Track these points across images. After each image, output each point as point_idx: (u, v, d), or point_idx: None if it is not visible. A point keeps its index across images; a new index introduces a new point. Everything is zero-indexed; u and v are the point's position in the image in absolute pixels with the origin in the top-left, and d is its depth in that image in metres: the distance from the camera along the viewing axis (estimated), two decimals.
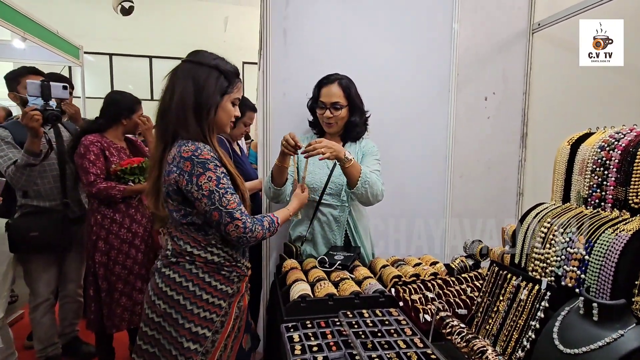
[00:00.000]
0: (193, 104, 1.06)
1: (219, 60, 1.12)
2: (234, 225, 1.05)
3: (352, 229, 1.61)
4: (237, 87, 1.15)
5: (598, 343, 0.69)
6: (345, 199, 1.58)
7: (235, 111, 1.17)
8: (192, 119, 1.06)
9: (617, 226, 0.80)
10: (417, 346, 0.93)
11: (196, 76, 1.07)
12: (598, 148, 0.96)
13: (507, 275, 0.98)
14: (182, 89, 1.07)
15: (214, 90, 1.08)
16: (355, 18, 1.79)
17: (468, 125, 1.99)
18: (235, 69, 1.16)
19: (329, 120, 1.56)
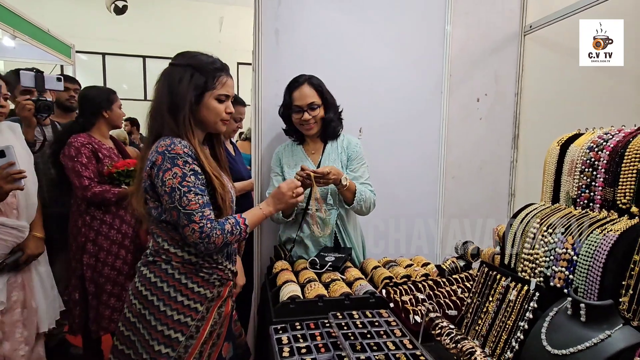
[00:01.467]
0: (167, 104, 1.07)
1: (198, 58, 1.10)
2: (190, 229, 1.00)
3: (342, 231, 1.61)
4: (220, 83, 1.10)
5: (585, 344, 0.69)
6: (332, 203, 1.57)
7: (226, 108, 1.13)
8: (169, 119, 1.06)
9: (605, 226, 0.80)
10: (407, 347, 0.92)
11: (171, 77, 1.08)
12: (587, 149, 0.97)
13: (497, 276, 0.98)
14: (159, 91, 1.09)
15: (186, 88, 1.06)
16: (348, 19, 1.79)
17: (461, 127, 2.00)
18: (218, 64, 1.12)
19: (308, 123, 1.53)
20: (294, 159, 1.61)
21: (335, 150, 1.62)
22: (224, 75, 1.12)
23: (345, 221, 1.61)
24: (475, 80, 1.99)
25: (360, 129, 1.88)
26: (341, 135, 1.65)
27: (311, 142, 1.64)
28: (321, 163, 1.59)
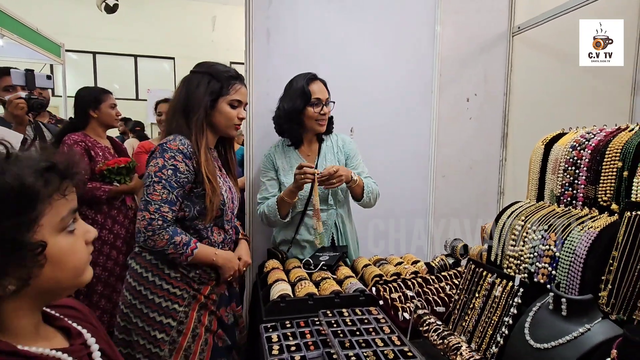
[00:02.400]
0: (182, 107, 1.15)
1: (215, 67, 1.19)
2: (142, 215, 1.06)
3: (340, 232, 1.62)
4: (234, 89, 1.19)
5: (566, 337, 0.71)
6: (332, 204, 1.58)
7: (238, 113, 1.21)
8: (182, 119, 1.14)
9: (586, 223, 0.82)
10: (395, 344, 0.93)
11: (190, 83, 1.17)
12: (570, 148, 0.99)
13: (483, 273, 1.00)
14: (177, 95, 1.18)
15: (203, 93, 1.15)
16: (339, 19, 1.80)
17: (450, 126, 2.02)
18: (233, 72, 1.20)
19: (324, 117, 1.53)
20: (289, 163, 1.58)
21: (331, 151, 1.62)
22: (238, 83, 1.20)
23: (343, 221, 1.62)
24: (464, 80, 2.02)
25: (352, 129, 1.89)
26: (334, 134, 1.65)
27: (307, 143, 1.62)
28: (318, 165, 1.59)
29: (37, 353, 0.50)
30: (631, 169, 0.82)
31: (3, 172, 0.47)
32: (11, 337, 0.49)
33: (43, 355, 0.51)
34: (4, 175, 0.46)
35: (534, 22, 1.92)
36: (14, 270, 0.47)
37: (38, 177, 0.49)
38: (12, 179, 0.47)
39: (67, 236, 0.53)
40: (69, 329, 0.60)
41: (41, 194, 0.49)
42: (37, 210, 0.49)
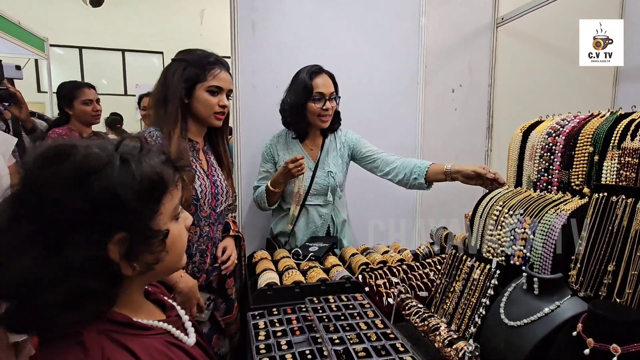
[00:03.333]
0: (160, 97, 1.11)
1: (194, 53, 1.14)
2: None
3: (335, 224, 1.65)
4: (212, 75, 1.13)
5: (537, 314, 0.74)
6: (331, 199, 1.61)
7: (219, 100, 1.15)
8: (159, 110, 1.11)
9: (559, 207, 0.85)
10: (378, 327, 0.96)
11: (167, 72, 1.13)
12: (546, 134, 1.02)
13: (463, 257, 1.03)
14: (156, 86, 1.14)
15: (178, 80, 1.10)
16: (324, 11, 1.81)
17: (436, 117, 2.05)
18: (212, 58, 1.14)
19: (326, 113, 1.49)
20: (291, 155, 1.55)
21: (333, 145, 1.62)
22: (217, 68, 1.14)
23: (340, 215, 1.66)
24: (449, 72, 2.04)
25: None
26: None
27: (311, 137, 1.61)
28: (320, 159, 1.60)
29: (148, 324, 0.57)
30: (601, 154, 0.86)
31: (141, 163, 0.51)
32: (126, 310, 0.55)
33: (152, 326, 0.57)
34: (142, 166, 0.51)
35: (517, 13, 1.95)
36: (144, 255, 0.52)
37: (166, 170, 0.54)
38: (154, 172, 0.51)
39: (176, 223, 0.58)
40: (163, 302, 0.66)
41: (168, 184, 0.54)
42: (163, 200, 0.54)
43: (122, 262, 0.50)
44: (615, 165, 0.82)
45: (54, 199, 0.46)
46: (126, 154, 0.51)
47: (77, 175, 0.47)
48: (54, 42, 4.19)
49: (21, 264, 0.45)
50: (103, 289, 0.49)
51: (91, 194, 0.46)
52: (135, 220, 0.50)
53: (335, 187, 1.60)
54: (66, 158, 0.47)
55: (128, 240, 0.50)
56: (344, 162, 1.64)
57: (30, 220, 0.46)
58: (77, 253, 0.46)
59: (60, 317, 0.47)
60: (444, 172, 1.40)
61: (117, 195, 0.47)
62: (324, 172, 1.60)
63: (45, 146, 0.50)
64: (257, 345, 0.90)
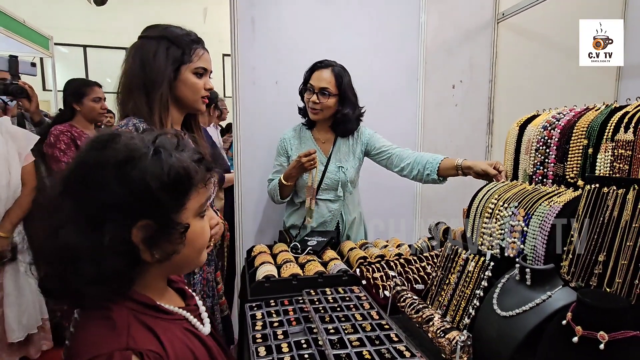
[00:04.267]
0: (141, 81, 0.97)
1: (171, 30, 1.01)
2: None
3: (344, 221, 1.66)
4: (196, 55, 1.02)
5: (529, 304, 0.75)
6: (341, 195, 1.62)
7: (205, 83, 1.05)
8: (141, 97, 0.97)
9: (552, 199, 0.86)
10: (373, 318, 0.97)
11: (144, 51, 0.98)
12: (541, 128, 1.02)
13: (458, 250, 1.04)
14: (129, 67, 0.99)
15: (164, 62, 0.97)
16: (323, 7, 1.81)
17: (437, 113, 2.05)
18: (193, 36, 1.04)
19: (314, 106, 1.52)
20: (303, 149, 1.58)
21: (346, 141, 1.63)
22: (200, 47, 1.04)
23: (350, 212, 1.67)
24: (450, 68, 2.04)
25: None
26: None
27: (321, 129, 1.63)
28: (332, 155, 1.61)
29: (169, 309, 0.61)
30: (596, 146, 0.86)
31: (171, 156, 0.54)
32: (150, 294, 0.59)
33: (173, 311, 0.62)
34: (172, 159, 0.54)
35: (518, 9, 1.94)
36: (163, 244, 0.55)
37: (195, 167, 0.57)
38: (181, 166, 0.55)
39: (200, 220, 0.61)
40: (185, 291, 0.71)
41: (195, 182, 0.57)
42: (189, 195, 0.57)
43: (142, 247, 0.54)
44: (609, 157, 0.82)
45: (98, 182, 0.51)
46: (161, 147, 0.55)
47: (120, 163, 0.52)
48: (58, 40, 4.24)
49: (62, 236, 0.51)
50: (123, 269, 0.53)
51: (128, 181, 0.51)
52: (160, 210, 0.54)
53: (346, 182, 1.61)
54: (110, 146, 0.53)
55: (151, 228, 0.53)
56: (356, 157, 1.64)
57: (75, 198, 0.52)
58: (109, 232, 0.51)
59: (86, 288, 0.52)
60: (455, 167, 1.41)
61: (148, 184, 0.52)
62: (336, 166, 1.61)
63: (98, 133, 0.57)
64: (254, 335, 0.91)
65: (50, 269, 0.53)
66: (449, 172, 1.44)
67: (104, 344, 0.49)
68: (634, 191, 0.68)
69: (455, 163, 1.40)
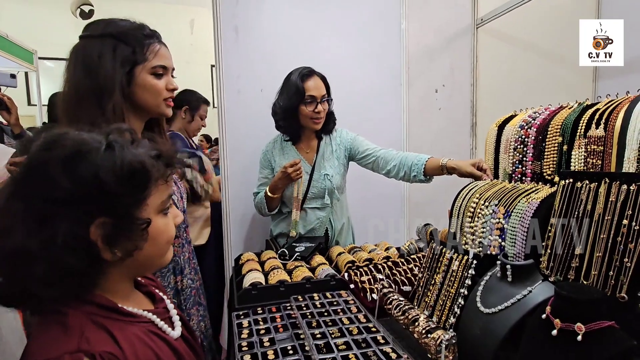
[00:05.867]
0: (88, 90, 0.83)
1: (117, 24, 0.87)
2: None
3: (333, 228, 1.66)
4: (151, 52, 0.88)
5: (511, 300, 0.76)
6: (328, 202, 1.61)
7: (167, 83, 0.91)
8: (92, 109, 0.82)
9: (530, 195, 0.87)
10: (360, 322, 0.97)
11: (86, 54, 0.83)
12: (519, 127, 1.05)
13: (443, 250, 1.04)
14: (71, 75, 0.84)
15: (111, 65, 0.83)
16: (306, 16, 1.84)
17: (421, 118, 2.08)
18: (147, 30, 0.90)
19: (319, 115, 1.49)
20: (287, 160, 1.56)
21: (329, 147, 1.62)
22: (156, 42, 0.90)
23: (339, 218, 1.67)
24: (432, 72, 2.08)
25: None
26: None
27: (305, 140, 1.61)
28: (316, 162, 1.60)
29: (132, 312, 0.59)
30: (570, 143, 0.88)
31: (124, 150, 0.54)
32: (113, 297, 0.58)
33: (137, 314, 0.60)
34: (130, 156, 0.53)
35: (495, 14, 2.00)
36: (123, 241, 0.54)
37: (152, 162, 0.56)
38: (136, 160, 0.54)
39: (163, 217, 0.61)
40: (154, 294, 0.69)
41: (153, 177, 0.56)
42: (148, 191, 0.56)
43: (102, 245, 0.53)
44: (582, 153, 0.85)
45: (44, 179, 0.50)
46: (113, 141, 0.54)
47: (66, 158, 0.51)
48: (43, 54, 4.20)
49: (12, 238, 0.49)
50: (82, 268, 0.52)
51: (77, 175, 0.50)
52: (117, 206, 0.53)
53: (333, 190, 1.60)
54: (59, 143, 0.52)
55: (109, 225, 0.52)
56: (340, 163, 1.63)
57: (23, 199, 0.51)
58: (61, 230, 0.49)
59: (42, 291, 0.50)
60: (440, 168, 1.42)
61: (99, 178, 0.50)
62: (321, 175, 1.60)
63: (44, 135, 0.55)
64: (240, 344, 0.90)
65: (3, 274, 0.52)
66: (435, 172, 1.46)
67: (55, 347, 0.49)
68: (605, 185, 0.70)
69: (440, 163, 1.41)
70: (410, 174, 1.50)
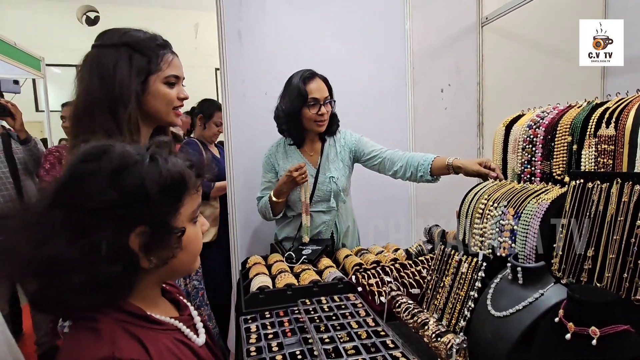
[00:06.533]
0: (103, 98, 0.84)
1: (131, 34, 0.88)
2: None
3: (339, 231, 1.65)
4: (165, 62, 0.90)
5: (522, 303, 0.74)
6: (334, 206, 1.60)
7: (178, 92, 0.93)
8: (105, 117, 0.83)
9: (540, 196, 0.86)
10: (369, 325, 0.96)
11: (101, 64, 0.85)
12: (527, 127, 1.03)
13: (452, 252, 1.03)
14: (86, 85, 0.85)
15: (127, 74, 0.84)
16: (309, 18, 1.84)
17: (427, 118, 2.06)
18: (160, 40, 0.92)
19: (322, 118, 1.47)
20: (291, 163, 1.55)
21: (333, 149, 1.60)
22: (169, 52, 0.92)
23: (345, 220, 1.65)
24: (437, 72, 2.07)
25: None
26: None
27: (309, 143, 1.59)
28: (321, 165, 1.58)
29: (160, 319, 0.60)
30: (580, 143, 0.87)
31: (167, 162, 0.56)
32: (142, 304, 0.59)
33: (164, 321, 0.61)
34: (168, 164, 0.56)
35: (501, 12, 1.98)
36: (160, 250, 0.55)
37: (189, 171, 0.58)
38: (176, 171, 0.56)
39: (193, 226, 0.62)
40: (178, 301, 0.70)
41: (189, 186, 0.58)
42: (183, 200, 0.58)
43: (140, 253, 0.54)
44: (592, 152, 0.83)
45: (90, 190, 0.51)
46: (155, 154, 0.56)
47: (113, 170, 0.52)
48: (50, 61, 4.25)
49: (53, 245, 0.50)
50: (120, 276, 0.53)
51: (123, 186, 0.52)
52: (156, 215, 0.54)
53: (339, 192, 1.59)
54: (104, 155, 0.54)
55: (148, 234, 0.54)
56: (345, 165, 1.61)
57: (64, 207, 0.52)
58: (102, 239, 0.51)
59: (79, 299, 0.52)
60: (446, 167, 1.40)
61: (145, 189, 0.52)
62: (326, 177, 1.58)
63: (88, 145, 0.57)
64: (248, 348, 0.90)
65: (39, 282, 0.53)
66: (441, 172, 1.45)
67: (88, 354, 0.49)
68: (617, 185, 0.68)
69: (446, 162, 1.40)
70: (417, 174, 1.48)
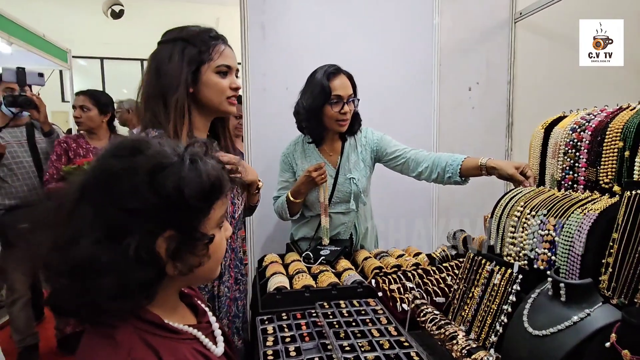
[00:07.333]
0: (156, 88, 0.90)
1: (188, 29, 0.94)
2: None
3: (358, 233, 1.60)
4: (217, 52, 0.93)
5: (565, 323, 0.68)
6: (354, 207, 1.55)
7: (231, 82, 0.96)
8: (158, 105, 0.90)
9: (586, 206, 0.79)
10: (391, 334, 0.91)
11: (158, 57, 0.92)
12: (570, 130, 0.95)
13: (482, 261, 0.97)
14: (146, 78, 0.93)
15: (179, 64, 0.89)
16: (333, 12, 1.79)
17: (453, 116, 1.98)
18: (213, 32, 0.95)
19: (345, 117, 1.40)
20: (310, 163, 1.50)
21: (354, 149, 1.54)
22: (221, 43, 0.95)
23: (364, 222, 1.61)
24: (466, 69, 1.98)
25: None
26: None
27: (329, 141, 1.53)
28: (341, 165, 1.52)
29: (178, 328, 0.57)
30: (632, 149, 0.79)
31: (207, 164, 0.53)
32: (159, 311, 0.55)
33: (181, 330, 0.57)
34: (209, 168, 0.53)
35: (536, 7, 1.87)
36: (186, 256, 0.52)
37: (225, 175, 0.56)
38: (214, 174, 0.53)
39: (219, 231, 0.59)
40: (197, 307, 0.67)
41: (224, 190, 0.55)
42: (214, 205, 0.55)
43: (167, 259, 0.51)
44: None
45: (125, 188, 0.48)
46: (196, 155, 0.53)
47: (150, 169, 0.49)
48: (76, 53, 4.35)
49: (81, 247, 0.47)
50: (150, 281, 0.50)
51: (162, 186, 0.48)
52: (187, 219, 0.51)
53: (359, 194, 1.53)
54: (140, 152, 0.50)
55: (176, 239, 0.51)
56: (366, 166, 1.55)
57: (95, 204, 0.49)
58: (134, 241, 0.47)
59: (107, 304, 0.48)
60: (479, 167, 1.31)
61: (182, 192, 0.49)
62: (346, 178, 1.52)
63: (121, 140, 0.53)
64: (265, 351, 0.87)
65: (62, 283, 0.49)
66: (472, 173, 1.36)
67: None
68: None
69: (479, 163, 1.31)
70: (445, 175, 1.40)
